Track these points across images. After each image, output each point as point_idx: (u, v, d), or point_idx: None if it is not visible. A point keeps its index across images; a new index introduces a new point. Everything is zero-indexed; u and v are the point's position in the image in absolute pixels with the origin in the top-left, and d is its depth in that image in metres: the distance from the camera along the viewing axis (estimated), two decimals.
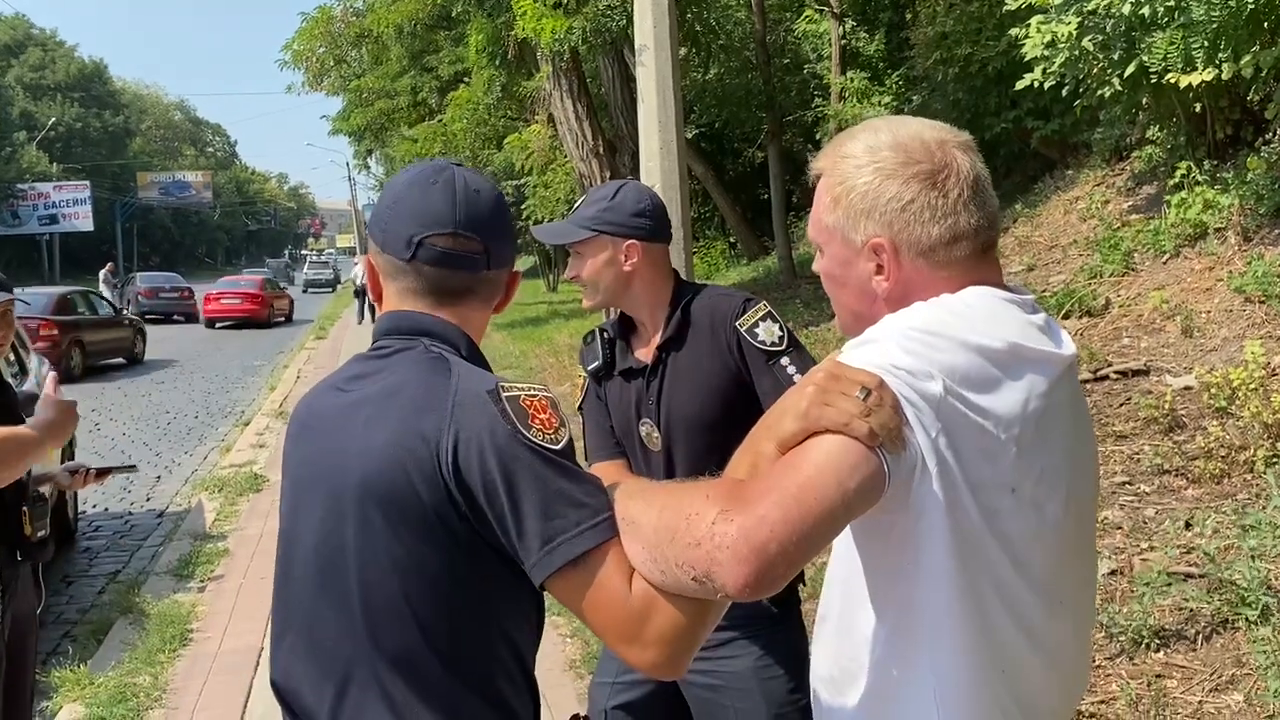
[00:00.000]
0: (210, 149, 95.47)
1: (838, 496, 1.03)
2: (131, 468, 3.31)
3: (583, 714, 1.78)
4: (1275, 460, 4.23)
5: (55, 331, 15.16)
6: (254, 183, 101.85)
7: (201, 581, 5.51)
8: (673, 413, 2.09)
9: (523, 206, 15.16)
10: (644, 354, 2.16)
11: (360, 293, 23.78)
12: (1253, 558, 3.28)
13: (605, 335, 2.23)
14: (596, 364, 2.20)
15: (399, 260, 1.35)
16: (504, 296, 1.46)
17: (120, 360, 17.89)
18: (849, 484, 1.04)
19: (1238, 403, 4.73)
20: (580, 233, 2.11)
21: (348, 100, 19.69)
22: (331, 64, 17.49)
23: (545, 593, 1.26)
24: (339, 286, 49.32)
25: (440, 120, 13.82)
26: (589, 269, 2.12)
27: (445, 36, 17.17)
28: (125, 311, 20.58)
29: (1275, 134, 7.29)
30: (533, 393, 1.27)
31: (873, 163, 1.21)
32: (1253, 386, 4.70)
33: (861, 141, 1.24)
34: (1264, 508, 3.92)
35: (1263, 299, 5.79)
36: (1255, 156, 7.03)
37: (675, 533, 1.06)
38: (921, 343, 1.11)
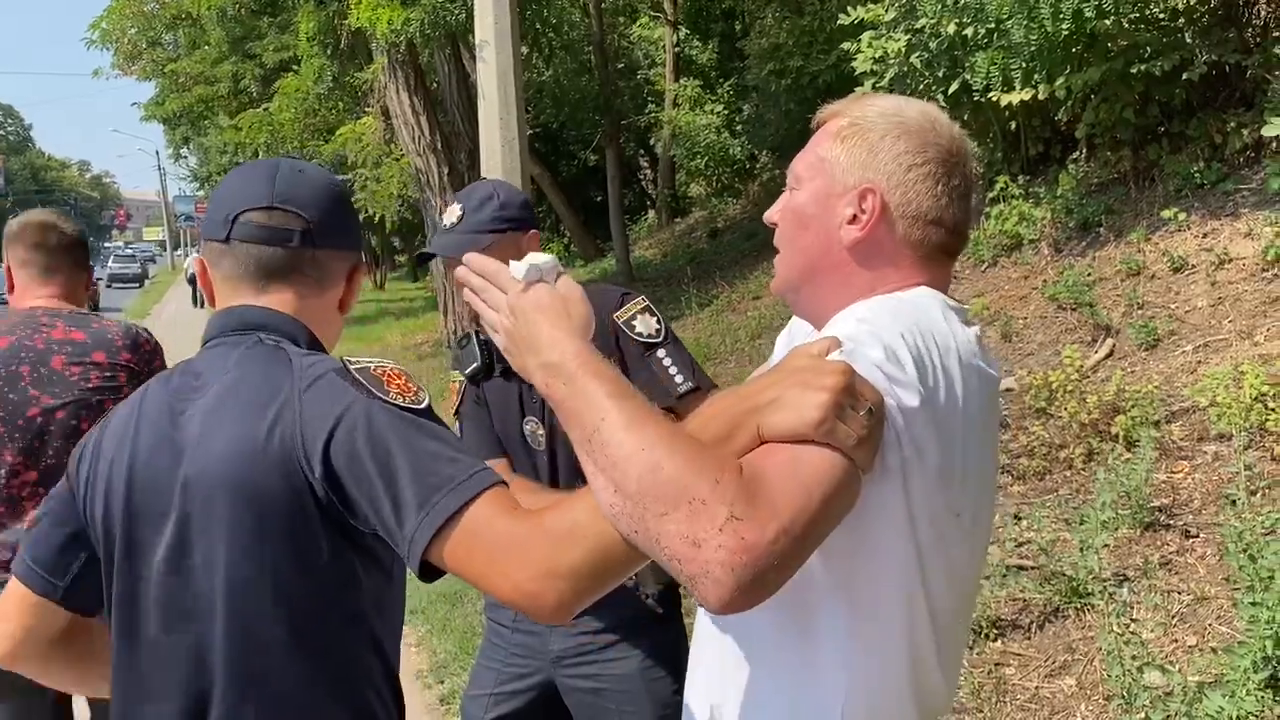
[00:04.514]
0: (1, 132, 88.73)
1: (832, 525, 0.97)
2: None
3: None
4: (1093, 457, 4.51)
5: None
6: (51, 170, 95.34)
7: None
8: None
9: (355, 200, 14.74)
10: None
11: (193, 280, 26.95)
12: (1081, 549, 3.48)
13: (480, 336, 2.15)
14: (475, 366, 2.11)
15: (217, 242, 1.29)
16: (346, 290, 1.37)
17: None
18: (841, 510, 0.98)
19: (1056, 404, 5.02)
20: (487, 238, 2.00)
21: (162, 85, 18.62)
22: (145, 46, 16.48)
23: (425, 576, 1.13)
24: (147, 282, 46.68)
25: (266, 109, 13.22)
26: None
27: (269, 23, 16.47)
28: None
29: (1082, 153, 7.81)
30: (381, 364, 1.21)
31: (898, 117, 1.19)
32: (1069, 389, 5.00)
33: (893, 101, 1.22)
34: (1084, 501, 4.18)
35: (1074, 306, 6.18)
36: (1066, 173, 7.51)
37: (669, 509, 0.91)
38: (912, 350, 1.05)
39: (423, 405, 1.17)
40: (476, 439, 2.14)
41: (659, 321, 2.05)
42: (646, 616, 2.03)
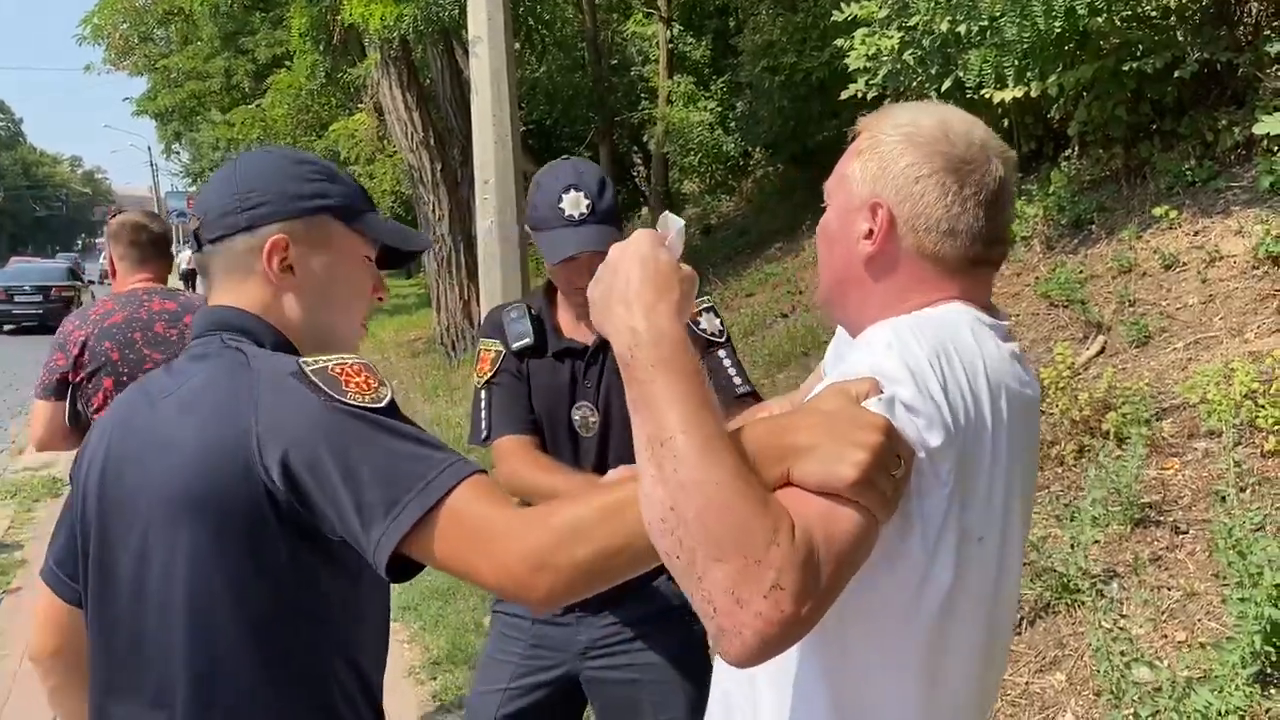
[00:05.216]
0: None
1: (849, 580, 0.98)
2: None
3: None
4: (1084, 453, 4.53)
5: (73, 291, 23.84)
6: (43, 165, 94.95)
7: None
8: (615, 397, 2.01)
9: None
10: (580, 335, 2.07)
11: (186, 277, 25.81)
12: (1071, 545, 3.49)
13: (533, 311, 2.10)
14: (527, 340, 2.06)
15: None
16: (271, 267, 1.28)
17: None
18: (858, 566, 0.98)
19: (1048, 400, 5.02)
20: (618, 222, 1.99)
21: (154, 80, 18.56)
22: (137, 41, 16.41)
23: (397, 577, 1.11)
24: None
25: (259, 104, 13.18)
26: None
27: (262, 19, 16.43)
28: None
29: (1074, 150, 7.82)
30: (341, 361, 1.17)
31: (910, 128, 1.19)
32: (1061, 385, 5.01)
33: (910, 112, 1.22)
34: (1074, 498, 4.19)
35: (1066, 303, 6.19)
36: (1058, 170, 7.52)
37: (724, 556, 0.89)
38: (939, 377, 1.04)
39: (383, 402, 1.13)
40: (506, 410, 2.08)
41: (722, 323, 2.09)
42: (675, 606, 2.01)
